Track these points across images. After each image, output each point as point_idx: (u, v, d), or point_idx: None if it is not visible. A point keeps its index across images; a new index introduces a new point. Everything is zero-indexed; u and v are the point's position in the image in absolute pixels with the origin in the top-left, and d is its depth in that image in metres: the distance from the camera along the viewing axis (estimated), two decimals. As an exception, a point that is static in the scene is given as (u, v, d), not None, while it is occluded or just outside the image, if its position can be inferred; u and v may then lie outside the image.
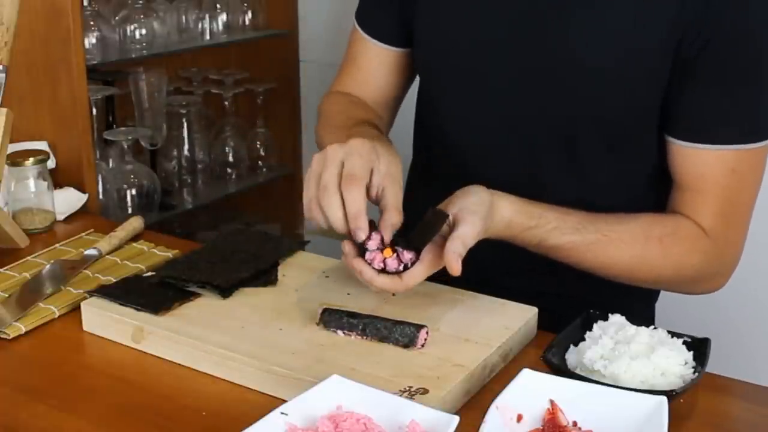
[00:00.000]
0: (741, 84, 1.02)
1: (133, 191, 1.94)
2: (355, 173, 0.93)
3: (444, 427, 0.73)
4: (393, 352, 0.93)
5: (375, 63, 1.28)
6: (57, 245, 1.26)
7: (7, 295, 1.09)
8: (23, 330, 1.02)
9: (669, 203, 1.10)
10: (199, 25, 2.13)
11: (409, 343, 0.93)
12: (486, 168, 1.13)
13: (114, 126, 1.96)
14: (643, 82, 1.05)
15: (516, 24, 1.09)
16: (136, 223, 1.29)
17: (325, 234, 0.97)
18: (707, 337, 0.93)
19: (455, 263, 0.91)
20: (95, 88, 1.85)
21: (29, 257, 1.21)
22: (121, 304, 1.01)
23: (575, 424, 0.78)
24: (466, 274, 1.08)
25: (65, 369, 0.97)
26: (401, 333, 0.93)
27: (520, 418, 0.79)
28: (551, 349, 0.91)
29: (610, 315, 0.95)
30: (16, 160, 1.31)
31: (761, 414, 0.91)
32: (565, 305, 1.02)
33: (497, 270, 1.15)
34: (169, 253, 1.22)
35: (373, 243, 0.93)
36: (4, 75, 1.20)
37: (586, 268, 1.07)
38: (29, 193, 1.33)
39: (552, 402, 0.80)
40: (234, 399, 0.89)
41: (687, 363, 0.89)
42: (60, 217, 1.38)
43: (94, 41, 1.86)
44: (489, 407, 0.77)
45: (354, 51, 1.31)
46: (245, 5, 2.21)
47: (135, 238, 1.28)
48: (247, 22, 2.23)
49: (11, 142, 1.26)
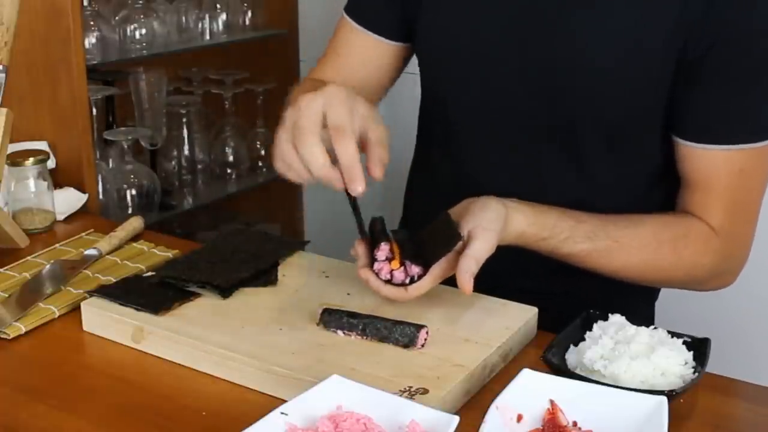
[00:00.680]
0: (748, 84, 1.02)
1: (133, 191, 1.94)
2: (343, 122, 0.87)
3: (444, 427, 0.73)
4: (393, 352, 0.93)
5: (363, 55, 1.26)
6: (57, 245, 1.26)
7: (7, 295, 1.09)
8: (23, 330, 1.02)
9: (678, 203, 1.11)
10: (199, 25, 2.13)
11: (409, 343, 0.93)
12: (487, 167, 1.13)
13: (114, 126, 1.97)
14: (646, 82, 1.05)
15: (519, 24, 1.09)
16: (136, 223, 1.29)
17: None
18: (707, 337, 0.93)
19: (468, 284, 0.92)
20: (95, 88, 1.85)
21: (29, 257, 1.21)
22: (121, 304, 1.01)
23: (575, 424, 0.78)
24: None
25: (65, 369, 0.97)
26: (401, 333, 0.93)
27: (520, 418, 0.79)
28: (551, 349, 0.91)
29: (610, 315, 0.95)
30: (16, 160, 1.31)
31: (761, 414, 0.91)
32: (565, 305, 1.02)
33: (497, 270, 1.15)
34: (169, 253, 1.22)
35: (382, 254, 0.94)
36: (4, 75, 1.20)
37: (600, 272, 1.08)
38: (29, 193, 1.33)
39: (552, 402, 0.80)
40: (234, 399, 0.89)
41: (687, 363, 0.89)
42: (60, 217, 1.38)
43: (94, 41, 1.86)
44: (489, 407, 0.77)
45: (339, 43, 1.27)
46: (245, 5, 2.21)
47: (135, 238, 1.28)
48: (247, 22, 2.23)
49: (11, 142, 1.26)
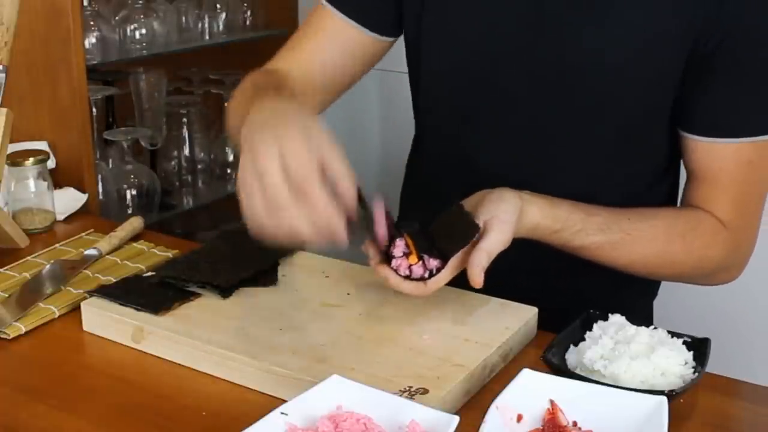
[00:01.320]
0: (758, 79, 1.03)
1: (133, 191, 1.94)
2: (305, 173, 0.80)
3: (444, 427, 0.73)
4: (393, 352, 0.93)
5: (335, 42, 1.21)
6: (57, 245, 1.26)
7: (7, 295, 1.09)
8: (23, 330, 1.02)
9: (685, 197, 1.11)
10: (199, 25, 2.13)
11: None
12: (492, 166, 1.13)
13: (114, 126, 1.97)
14: (655, 80, 1.05)
15: (526, 24, 1.08)
16: (136, 223, 1.29)
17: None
18: (707, 337, 0.93)
19: (478, 277, 0.92)
20: (95, 88, 1.85)
21: (29, 257, 1.21)
22: (121, 304, 1.01)
23: (575, 424, 0.78)
24: (466, 274, 1.08)
25: (65, 369, 0.97)
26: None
27: (520, 418, 0.79)
28: (551, 349, 0.91)
29: (610, 315, 0.95)
30: (16, 160, 1.31)
31: (761, 414, 0.91)
32: (565, 304, 1.02)
33: (497, 270, 1.15)
34: (169, 253, 1.22)
35: (398, 250, 0.93)
36: (4, 75, 1.20)
37: (611, 265, 1.08)
38: (29, 193, 1.33)
39: (552, 402, 0.80)
40: (234, 399, 0.89)
41: (687, 363, 0.89)
42: (60, 217, 1.38)
43: (94, 41, 1.86)
44: (489, 407, 0.77)
45: (313, 29, 1.23)
46: (245, 5, 2.21)
47: (135, 238, 1.28)
48: (247, 22, 2.23)
49: (11, 142, 1.26)
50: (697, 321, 1.34)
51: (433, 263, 0.93)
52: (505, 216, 0.96)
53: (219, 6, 2.17)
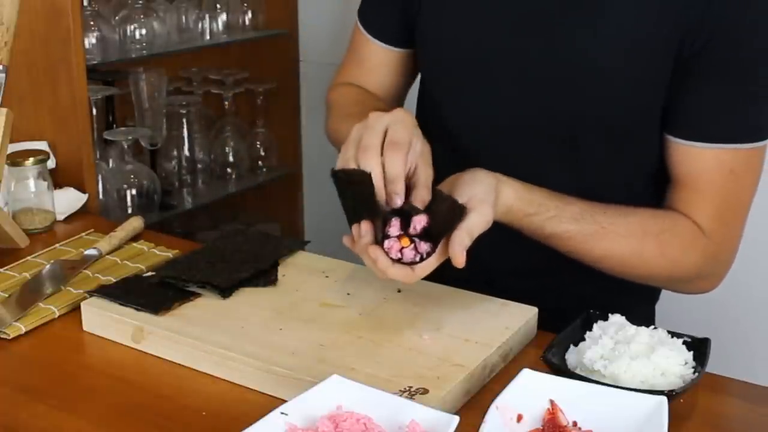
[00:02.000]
0: (740, 83, 1.02)
1: (133, 191, 1.94)
2: (400, 140, 0.93)
3: (444, 427, 0.73)
4: (393, 352, 0.93)
5: (375, 61, 1.29)
6: (57, 245, 1.26)
7: (7, 295, 1.09)
8: (23, 330, 1.02)
9: (666, 201, 1.10)
10: (199, 25, 2.13)
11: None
12: (486, 165, 1.13)
13: (114, 126, 1.97)
14: (646, 81, 1.05)
15: (521, 24, 1.09)
16: (136, 223, 1.29)
17: (340, 189, 0.94)
18: (707, 337, 0.92)
19: (460, 256, 0.90)
20: (95, 88, 1.85)
21: (29, 257, 1.21)
22: (121, 304, 1.01)
23: (575, 424, 0.78)
24: (466, 274, 1.08)
25: (65, 369, 0.97)
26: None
27: (520, 418, 0.79)
28: (551, 349, 0.91)
29: (610, 315, 0.95)
30: (16, 160, 1.31)
31: (761, 414, 0.91)
32: (565, 305, 1.02)
33: (497, 270, 1.15)
34: (169, 253, 1.22)
35: (395, 229, 0.91)
36: (4, 75, 1.20)
37: (582, 258, 1.07)
38: (29, 193, 1.33)
39: (552, 402, 0.80)
40: (234, 399, 0.89)
41: (687, 363, 0.89)
42: (60, 217, 1.38)
43: (94, 41, 1.86)
44: (489, 407, 0.77)
45: (355, 48, 1.31)
46: (245, 5, 2.21)
47: (135, 238, 1.29)
48: (247, 22, 2.23)
49: (11, 142, 1.26)
50: (697, 321, 1.34)
51: (424, 247, 0.91)
52: (483, 196, 0.95)
53: (219, 6, 2.17)
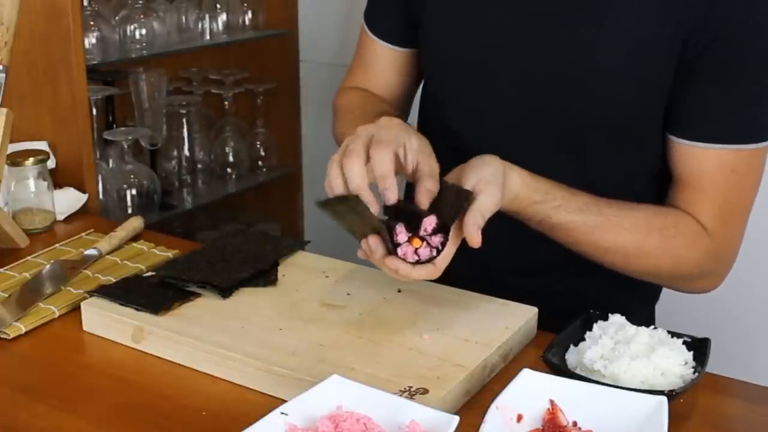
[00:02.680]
0: (743, 84, 1.02)
1: (133, 191, 1.94)
2: (384, 138, 0.93)
3: (444, 427, 0.73)
4: (393, 352, 0.93)
5: (382, 63, 1.29)
6: (57, 245, 1.26)
7: (7, 295, 1.09)
8: (23, 330, 1.02)
9: (669, 200, 1.10)
10: (199, 25, 2.13)
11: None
12: None
13: (114, 126, 1.96)
14: (650, 81, 1.05)
15: (523, 25, 1.09)
16: (136, 223, 1.29)
17: (335, 215, 0.92)
18: (707, 337, 0.93)
19: (476, 235, 0.90)
20: (95, 88, 1.85)
21: (29, 257, 1.21)
22: (121, 304, 1.01)
23: (575, 424, 0.79)
24: (468, 273, 1.08)
25: (65, 369, 0.97)
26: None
27: (520, 418, 0.79)
28: (551, 349, 0.91)
29: (610, 315, 0.95)
30: (16, 160, 1.31)
31: (761, 414, 0.91)
32: (565, 305, 1.02)
33: (498, 269, 1.15)
34: (169, 253, 1.22)
35: (402, 236, 0.91)
36: (4, 75, 1.20)
37: (586, 250, 1.07)
38: (29, 193, 1.33)
39: (552, 402, 0.80)
40: (234, 399, 0.89)
41: (687, 363, 0.89)
42: (60, 217, 1.38)
43: (94, 41, 1.86)
44: (489, 407, 0.77)
45: (362, 51, 1.32)
46: (245, 5, 2.21)
47: (135, 238, 1.29)
48: (247, 22, 2.23)
49: (11, 142, 1.26)
50: (697, 321, 1.34)
51: (436, 240, 0.91)
52: (491, 178, 0.95)
53: (219, 6, 2.16)
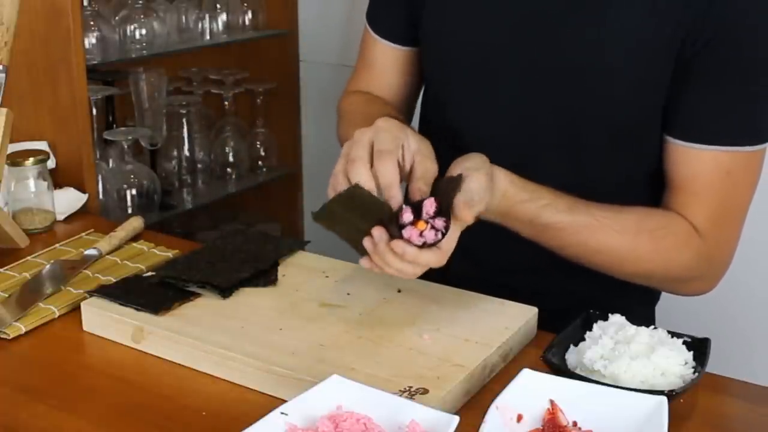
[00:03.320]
0: (740, 85, 1.02)
1: (133, 191, 1.94)
2: (386, 147, 0.93)
3: (444, 427, 0.73)
4: (393, 352, 0.93)
5: (385, 62, 1.29)
6: (57, 245, 1.26)
7: (7, 295, 1.09)
8: (23, 330, 1.02)
9: (663, 205, 1.10)
10: (199, 25, 2.13)
11: None
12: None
13: (114, 126, 1.97)
14: (650, 81, 1.05)
15: (525, 24, 1.09)
16: (136, 223, 1.29)
17: (334, 220, 0.94)
18: (707, 337, 0.93)
19: (467, 213, 0.91)
20: (95, 88, 1.85)
21: (29, 257, 1.21)
22: (121, 304, 1.01)
23: (575, 424, 0.79)
24: (467, 272, 1.08)
25: (65, 369, 0.97)
26: None
27: (520, 418, 0.79)
28: (551, 349, 0.91)
29: (610, 315, 0.95)
30: (16, 160, 1.31)
31: (761, 414, 0.91)
32: (565, 305, 1.02)
33: (498, 269, 1.15)
34: (169, 253, 1.22)
35: (408, 215, 0.91)
36: (4, 75, 1.20)
37: (575, 253, 1.07)
38: (29, 193, 1.33)
39: (552, 402, 0.80)
40: (234, 399, 0.89)
41: (687, 363, 0.89)
42: (60, 217, 1.38)
43: (94, 41, 1.86)
44: (489, 407, 0.77)
45: (365, 52, 1.32)
46: (245, 5, 2.21)
47: (135, 238, 1.29)
48: (247, 22, 2.23)
49: (11, 142, 1.26)
50: (697, 321, 1.34)
51: (439, 223, 0.91)
52: (477, 165, 0.96)
53: (219, 6, 2.16)
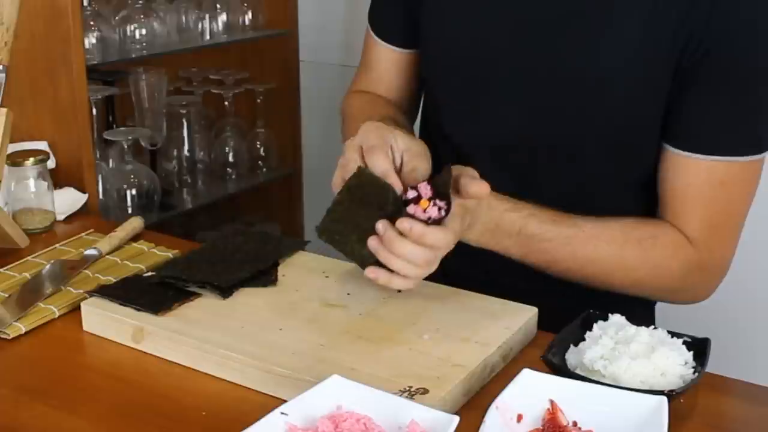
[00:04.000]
0: (736, 95, 1.02)
1: (133, 191, 1.94)
2: (373, 143, 0.95)
3: (444, 427, 0.73)
4: (393, 352, 0.93)
5: (386, 64, 1.29)
6: (57, 245, 1.26)
7: (7, 295, 1.09)
8: (23, 330, 1.02)
9: (656, 213, 1.10)
10: (199, 25, 2.13)
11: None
12: (485, 173, 1.13)
13: (114, 126, 1.97)
14: (648, 89, 1.04)
15: (523, 30, 1.08)
16: (136, 223, 1.29)
17: (333, 242, 0.97)
18: (707, 337, 0.92)
19: (475, 184, 0.94)
20: (95, 88, 1.85)
21: (29, 257, 1.21)
22: (121, 304, 1.01)
23: (575, 424, 0.79)
24: (467, 272, 1.08)
25: (65, 369, 0.97)
26: None
27: (520, 418, 0.79)
28: (551, 349, 0.91)
29: (610, 315, 0.95)
30: (16, 160, 1.31)
31: (761, 414, 0.91)
32: (565, 305, 1.02)
33: (497, 269, 1.15)
34: (169, 253, 1.22)
35: (412, 192, 0.94)
36: (4, 75, 1.20)
37: (565, 267, 1.06)
38: (29, 193, 1.33)
39: (552, 402, 0.80)
40: (234, 399, 0.89)
41: (687, 363, 0.89)
42: (60, 217, 1.38)
43: (94, 41, 1.86)
44: (489, 407, 0.77)
45: (366, 54, 1.32)
46: (245, 5, 2.21)
47: (135, 238, 1.28)
48: (247, 22, 2.23)
49: (11, 142, 1.26)
50: (697, 321, 1.34)
51: (440, 203, 0.93)
52: (463, 168, 0.97)
53: (219, 6, 2.17)
